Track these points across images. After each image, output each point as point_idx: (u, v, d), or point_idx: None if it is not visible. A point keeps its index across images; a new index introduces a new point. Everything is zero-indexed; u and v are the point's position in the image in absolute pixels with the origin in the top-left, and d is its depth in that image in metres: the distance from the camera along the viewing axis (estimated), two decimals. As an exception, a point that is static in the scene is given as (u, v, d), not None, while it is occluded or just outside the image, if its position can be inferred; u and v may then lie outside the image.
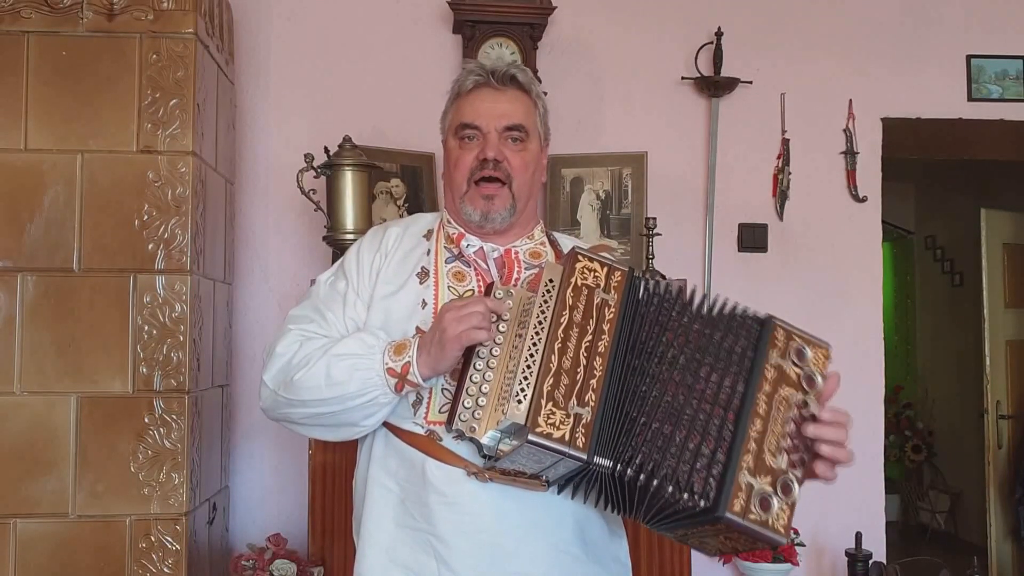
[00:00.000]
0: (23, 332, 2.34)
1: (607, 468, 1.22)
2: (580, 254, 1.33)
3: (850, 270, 3.24)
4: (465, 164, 1.52)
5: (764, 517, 1.19)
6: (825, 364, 1.31)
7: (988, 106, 3.31)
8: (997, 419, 4.65)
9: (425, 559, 1.40)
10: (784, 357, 1.29)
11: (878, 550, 3.05)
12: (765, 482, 1.20)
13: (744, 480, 1.19)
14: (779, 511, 1.20)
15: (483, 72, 1.53)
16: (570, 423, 1.20)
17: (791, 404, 1.26)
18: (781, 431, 1.24)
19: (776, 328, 1.30)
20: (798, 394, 1.27)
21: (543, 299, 1.30)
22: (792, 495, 1.21)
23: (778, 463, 1.22)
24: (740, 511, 1.18)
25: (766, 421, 1.24)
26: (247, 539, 2.81)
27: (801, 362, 1.29)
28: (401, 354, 1.37)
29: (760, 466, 1.21)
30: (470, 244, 1.53)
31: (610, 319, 1.29)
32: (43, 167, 2.37)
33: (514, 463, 1.29)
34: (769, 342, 1.28)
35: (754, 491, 1.19)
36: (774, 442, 1.23)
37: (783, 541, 1.21)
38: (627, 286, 1.32)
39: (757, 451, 1.22)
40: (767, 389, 1.26)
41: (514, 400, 1.22)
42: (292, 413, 1.46)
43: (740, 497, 1.18)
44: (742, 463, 1.20)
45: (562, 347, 1.25)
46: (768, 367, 1.27)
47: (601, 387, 1.24)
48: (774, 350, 1.28)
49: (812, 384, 1.28)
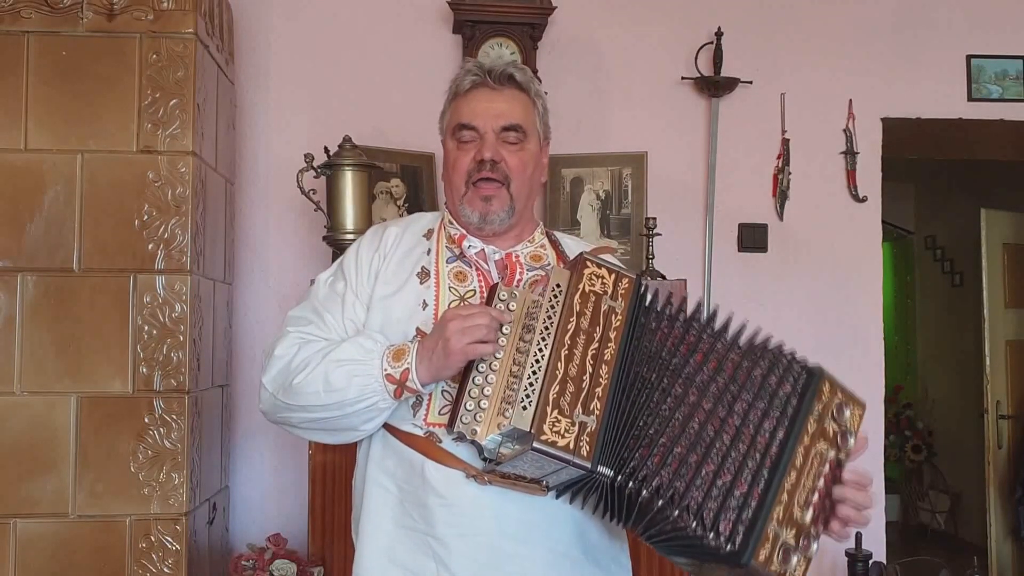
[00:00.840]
0: (23, 332, 2.34)
1: (609, 478, 1.22)
2: (588, 260, 1.32)
3: (850, 270, 3.24)
4: (463, 165, 1.51)
5: (783, 569, 1.18)
6: (859, 424, 1.29)
7: (988, 106, 3.31)
8: (997, 419, 4.65)
9: (424, 560, 1.39)
10: (826, 412, 1.27)
11: (878, 550, 3.05)
12: (790, 535, 1.19)
13: (772, 530, 1.18)
14: (797, 565, 1.19)
15: (480, 71, 1.52)
16: (575, 431, 1.20)
17: (825, 460, 1.25)
18: (811, 486, 1.23)
19: (824, 381, 1.28)
20: (832, 451, 1.26)
21: (550, 304, 1.29)
22: (811, 551, 1.21)
23: (804, 517, 1.21)
24: (763, 561, 1.17)
25: (800, 474, 1.22)
26: (247, 539, 2.81)
27: (840, 419, 1.27)
28: (400, 360, 1.36)
29: (788, 518, 1.20)
30: (472, 245, 1.52)
31: (616, 327, 1.28)
32: (43, 167, 2.37)
33: (515, 468, 1.28)
34: (816, 395, 1.26)
35: (779, 543, 1.18)
36: (804, 496, 1.22)
37: None
38: (634, 294, 1.31)
39: (788, 503, 1.20)
40: (806, 442, 1.23)
41: (519, 405, 1.22)
42: (291, 417, 1.46)
43: (766, 547, 1.17)
44: (773, 513, 1.18)
45: (568, 354, 1.24)
46: (811, 420, 1.24)
47: (606, 396, 1.23)
48: (819, 403, 1.26)
49: (846, 442, 1.27)
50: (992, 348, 4.67)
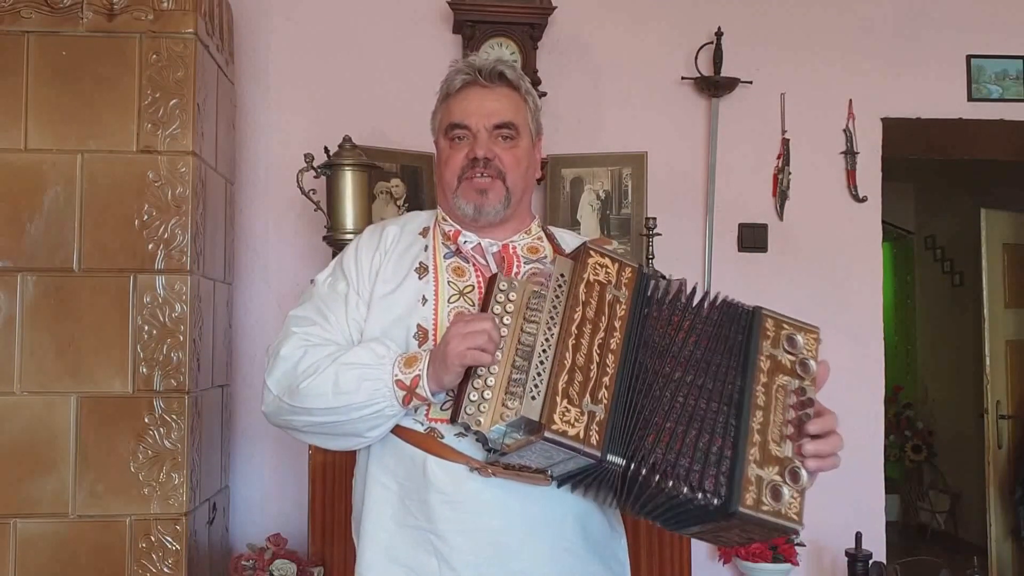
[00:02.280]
0: (23, 332, 2.34)
1: (619, 466, 1.22)
2: (592, 250, 1.33)
3: (850, 270, 3.24)
4: (456, 164, 1.51)
5: (777, 507, 1.20)
6: (816, 348, 1.32)
7: (988, 106, 3.31)
8: (997, 419, 4.65)
9: (425, 558, 1.39)
10: (776, 346, 1.30)
11: (878, 550, 3.05)
12: (773, 472, 1.22)
13: (753, 473, 1.21)
14: (791, 499, 1.21)
15: (471, 70, 1.52)
16: (584, 421, 1.20)
17: (788, 392, 1.28)
18: (782, 419, 1.26)
19: (765, 318, 1.32)
20: (794, 381, 1.29)
21: (555, 294, 1.29)
22: (801, 482, 1.23)
23: (783, 451, 1.23)
24: (753, 504, 1.19)
25: (767, 411, 1.25)
26: (247, 539, 2.81)
27: (793, 349, 1.30)
28: (412, 367, 1.36)
29: (766, 457, 1.22)
30: (467, 240, 1.52)
31: (621, 316, 1.29)
32: (43, 167, 2.37)
33: (522, 458, 1.28)
34: (760, 333, 1.30)
35: (764, 483, 1.20)
36: (777, 432, 1.24)
37: (799, 528, 1.21)
38: (637, 283, 1.32)
39: (762, 442, 1.23)
40: (764, 380, 1.27)
41: (528, 395, 1.22)
42: (295, 420, 1.45)
43: (751, 491, 1.19)
44: (748, 457, 1.21)
45: (576, 343, 1.25)
46: (762, 358, 1.28)
47: (614, 384, 1.24)
48: (766, 340, 1.30)
49: (807, 369, 1.30)
50: (992, 348, 4.67)
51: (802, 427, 1.26)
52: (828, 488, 3.46)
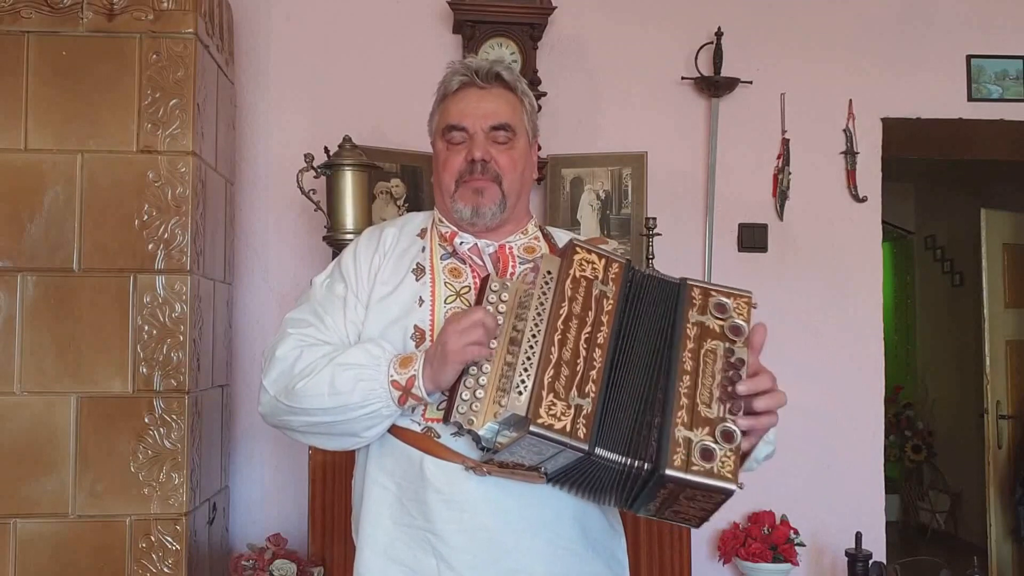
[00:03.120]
0: (23, 332, 2.34)
1: (606, 459, 1.23)
2: (578, 246, 1.34)
3: (850, 270, 3.24)
4: (453, 166, 1.51)
5: (708, 466, 1.21)
6: (749, 312, 1.34)
7: (988, 106, 3.31)
8: (997, 419, 4.65)
9: (424, 557, 1.40)
10: (704, 313, 1.31)
11: (878, 550, 3.05)
12: (703, 433, 1.23)
13: (680, 435, 1.22)
14: (723, 458, 1.21)
15: (468, 72, 1.52)
16: (571, 414, 1.21)
17: (717, 355, 1.29)
18: (712, 382, 1.27)
19: (691, 288, 1.34)
20: (723, 344, 1.30)
21: (541, 291, 1.30)
22: (734, 441, 1.23)
23: (714, 413, 1.24)
24: (681, 465, 1.20)
25: (695, 375, 1.26)
26: (247, 539, 2.81)
27: (723, 314, 1.32)
28: (407, 367, 1.36)
29: (696, 419, 1.23)
30: (464, 241, 1.53)
31: (608, 310, 1.29)
32: (43, 167, 2.37)
33: (514, 455, 1.29)
34: (686, 301, 1.32)
35: (693, 444, 1.22)
36: (706, 394, 1.26)
37: (733, 488, 1.21)
38: (625, 278, 1.32)
39: (690, 405, 1.24)
40: (691, 346, 1.29)
41: (514, 392, 1.23)
42: (292, 420, 1.45)
43: (679, 452, 1.21)
44: (675, 419, 1.23)
45: (562, 338, 1.26)
46: (689, 325, 1.30)
47: (601, 378, 1.25)
48: (692, 308, 1.32)
49: (738, 332, 1.31)
50: (992, 348, 4.68)
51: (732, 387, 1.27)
52: (828, 488, 3.47)
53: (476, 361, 1.32)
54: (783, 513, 2.95)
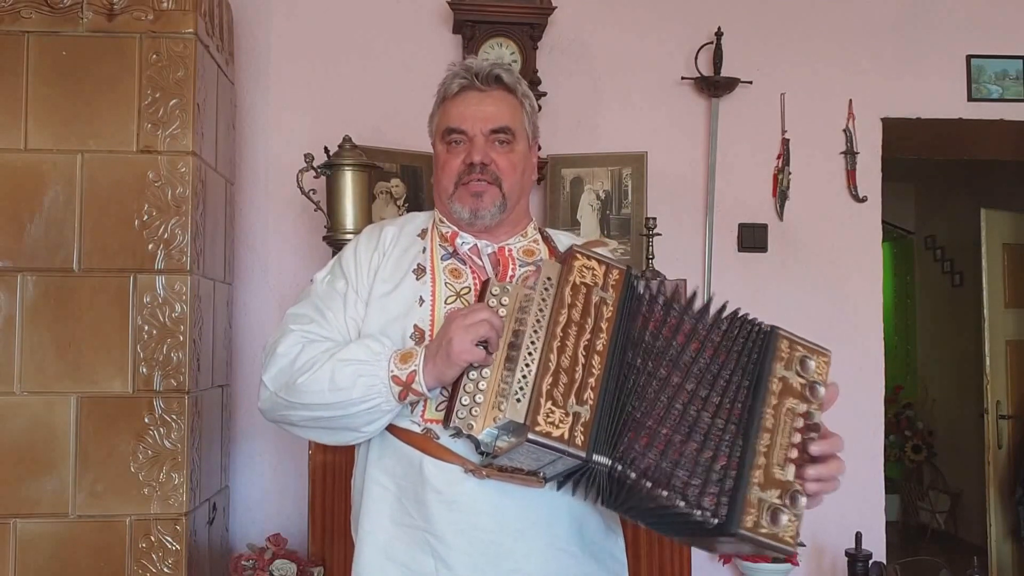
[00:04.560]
0: (23, 332, 2.34)
1: (605, 466, 1.22)
2: (578, 252, 1.33)
3: (850, 270, 3.24)
4: (452, 169, 1.51)
5: (774, 530, 1.20)
6: (827, 372, 1.31)
7: (988, 106, 3.31)
8: (997, 419, 4.65)
9: (422, 557, 1.40)
10: (789, 368, 1.29)
11: (878, 550, 3.05)
12: (774, 495, 1.21)
13: (755, 496, 1.20)
14: (788, 523, 1.21)
15: (468, 74, 1.52)
16: (569, 421, 1.20)
17: (796, 415, 1.27)
18: (787, 443, 1.25)
19: (780, 339, 1.30)
20: (802, 405, 1.27)
21: (541, 297, 1.29)
22: (799, 506, 1.22)
23: (786, 475, 1.23)
24: (752, 527, 1.19)
25: (773, 434, 1.24)
26: (247, 539, 2.81)
27: (805, 372, 1.29)
28: (407, 363, 1.36)
29: (769, 480, 1.22)
30: (464, 242, 1.53)
31: (608, 318, 1.28)
32: (43, 167, 2.37)
33: (512, 460, 1.29)
34: (775, 354, 1.29)
35: (765, 506, 1.20)
36: (782, 455, 1.24)
37: (792, 551, 1.22)
38: (625, 285, 1.32)
39: (766, 465, 1.22)
40: (773, 402, 1.26)
41: (513, 398, 1.22)
42: (292, 415, 1.45)
43: (751, 513, 1.19)
44: (752, 479, 1.21)
45: (561, 345, 1.25)
46: (774, 379, 1.27)
47: (600, 386, 1.24)
48: (779, 362, 1.28)
49: (815, 394, 1.28)
50: (992, 348, 4.67)
51: (806, 452, 1.25)
52: (828, 488, 3.42)
53: (476, 364, 1.31)
54: (783, 513, 2.95)
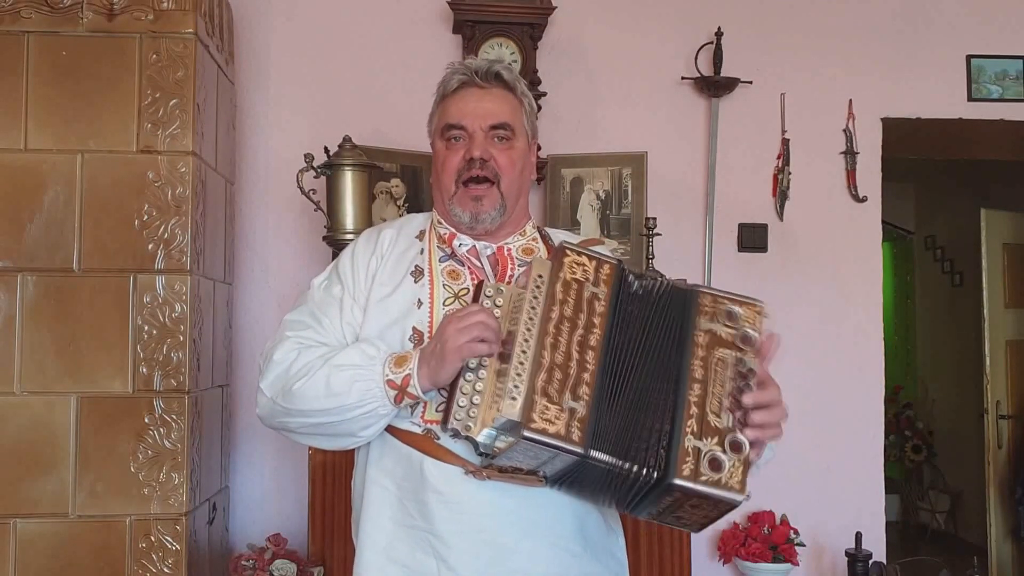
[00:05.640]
0: (23, 332, 2.34)
1: (603, 461, 1.22)
2: (568, 249, 1.33)
3: (850, 270, 3.24)
4: (452, 165, 1.51)
5: (716, 477, 1.20)
6: (759, 321, 1.32)
7: (988, 106, 3.31)
8: (997, 419, 4.65)
9: (424, 558, 1.40)
10: (714, 320, 1.31)
11: (878, 550, 3.05)
12: (712, 443, 1.22)
13: (690, 444, 1.21)
14: (731, 469, 1.21)
15: (467, 71, 1.53)
16: (565, 417, 1.21)
17: (727, 364, 1.28)
18: (722, 391, 1.26)
19: (702, 295, 1.33)
20: (733, 353, 1.29)
21: (533, 295, 1.30)
22: (743, 452, 1.23)
23: (723, 423, 1.24)
24: (690, 474, 1.20)
25: (705, 384, 1.26)
26: (247, 539, 2.81)
27: (733, 323, 1.31)
28: (402, 366, 1.36)
29: (705, 429, 1.23)
30: (462, 243, 1.53)
31: (600, 312, 1.29)
32: (43, 167, 2.37)
33: (511, 460, 1.29)
34: (696, 309, 1.31)
35: (702, 454, 1.21)
36: (716, 403, 1.25)
37: (740, 499, 1.22)
38: (616, 279, 1.32)
39: (700, 415, 1.24)
40: (701, 354, 1.28)
41: (508, 397, 1.22)
42: (289, 422, 1.45)
43: (688, 462, 1.20)
44: (685, 428, 1.22)
45: (554, 342, 1.25)
46: (699, 332, 1.29)
47: (594, 380, 1.24)
48: (702, 316, 1.31)
49: (748, 341, 1.30)
50: (992, 348, 4.68)
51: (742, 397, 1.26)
52: (828, 488, 3.46)
53: (472, 366, 1.31)
54: (783, 513, 2.95)
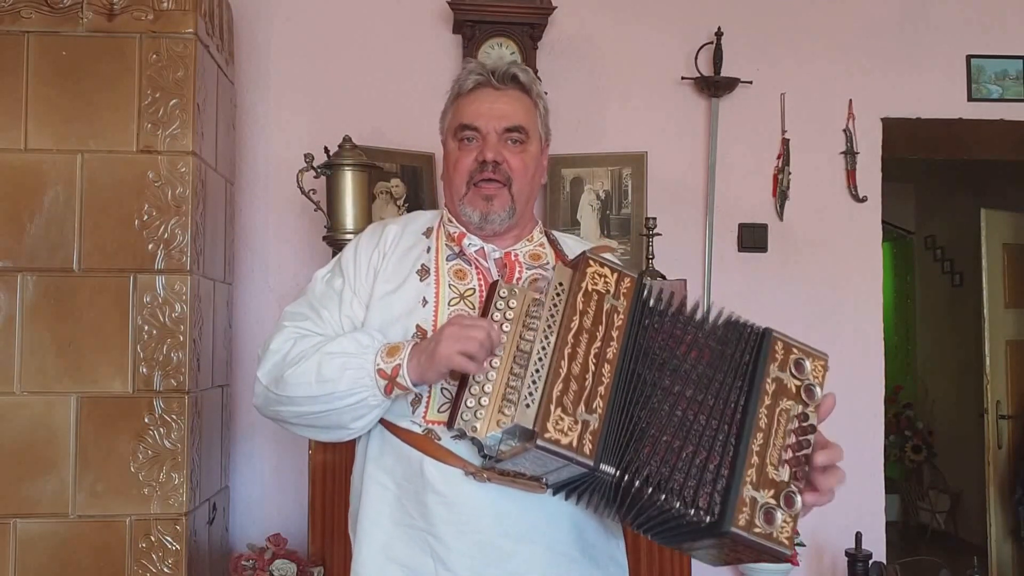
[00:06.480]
0: (23, 332, 2.34)
1: (611, 476, 1.22)
2: (591, 259, 1.32)
3: (850, 270, 3.24)
4: (464, 166, 1.51)
5: (768, 530, 1.20)
6: (824, 375, 1.32)
7: (988, 106, 3.30)
8: (997, 419, 4.65)
9: (422, 557, 1.40)
10: (783, 370, 1.30)
11: (878, 550, 3.05)
12: (768, 495, 1.22)
13: (748, 495, 1.20)
14: (783, 523, 1.21)
15: (484, 72, 1.52)
16: (578, 429, 1.20)
17: (791, 416, 1.27)
18: (782, 443, 1.25)
19: (775, 340, 1.31)
20: (798, 406, 1.28)
21: (552, 302, 1.29)
22: (795, 507, 1.23)
23: (780, 476, 1.23)
24: (745, 525, 1.19)
25: (767, 434, 1.25)
26: (247, 539, 2.81)
27: (800, 374, 1.30)
28: (393, 356, 1.36)
29: (763, 480, 1.22)
30: (472, 243, 1.52)
31: (619, 326, 1.28)
32: (43, 167, 2.37)
33: (516, 465, 1.29)
34: (768, 355, 1.30)
35: (758, 505, 1.20)
36: (776, 455, 1.24)
37: (788, 553, 1.21)
38: (635, 293, 1.32)
39: (760, 465, 1.23)
40: (768, 402, 1.27)
41: (522, 403, 1.22)
42: (283, 411, 1.45)
43: (744, 512, 1.19)
44: (746, 478, 1.21)
45: (572, 353, 1.24)
46: (768, 380, 1.28)
47: (609, 394, 1.24)
48: (773, 363, 1.29)
49: (811, 395, 1.29)
50: (992, 348, 4.68)
51: (801, 453, 1.26)
52: (828, 488, 3.42)
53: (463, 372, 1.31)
54: (783, 513, 2.95)
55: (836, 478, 1.28)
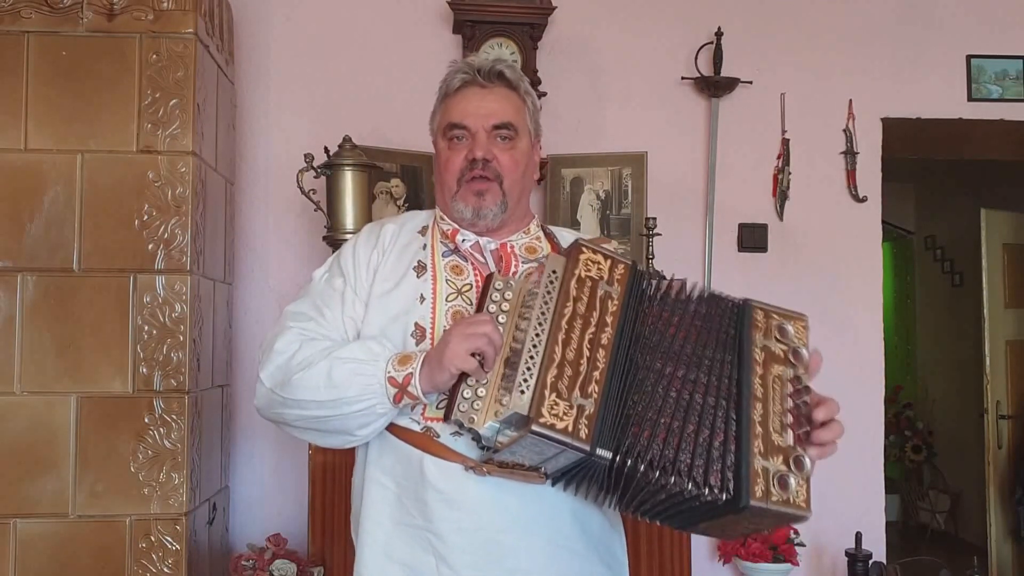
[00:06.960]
0: (23, 332, 2.34)
1: (607, 460, 1.22)
2: (584, 246, 1.33)
3: (850, 270, 3.24)
4: (455, 165, 1.51)
5: (785, 496, 1.21)
6: (806, 335, 1.33)
7: (988, 106, 3.31)
8: (997, 419, 4.65)
9: (423, 556, 1.40)
10: (768, 337, 1.31)
11: (878, 550, 3.05)
12: (779, 462, 1.22)
13: (759, 465, 1.21)
14: (797, 487, 1.22)
15: (470, 70, 1.52)
16: (573, 414, 1.20)
17: (784, 381, 1.29)
18: (781, 409, 1.26)
19: (755, 310, 1.33)
20: (789, 370, 1.30)
21: (546, 290, 1.29)
22: (805, 469, 1.23)
23: (786, 441, 1.24)
24: (762, 496, 1.20)
25: (765, 403, 1.26)
26: (247, 539, 2.81)
27: (784, 338, 1.32)
28: (405, 365, 1.36)
29: (770, 448, 1.23)
30: (465, 239, 1.52)
31: (613, 311, 1.29)
32: (43, 167, 2.37)
33: (514, 454, 1.28)
34: (751, 325, 1.31)
35: (771, 473, 1.21)
36: (777, 421, 1.25)
37: (808, 515, 1.22)
38: (630, 279, 1.32)
39: (764, 434, 1.24)
40: (759, 371, 1.28)
41: (517, 391, 1.22)
42: (286, 414, 1.45)
43: (759, 483, 1.20)
44: (753, 449, 1.22)
45: (566, 338, 1.25)
46: (756, 349, 1.29)
47: (604, 379, 1.24)
48: (757, 332, 1.31)
49: (799, 358, 1.31)
50: (992, 348, 4.68)
51: (801, 416, 1.27)
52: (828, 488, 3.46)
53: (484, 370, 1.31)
54: (783, 513, 2.95)
55: (836, 431, 1.30)
